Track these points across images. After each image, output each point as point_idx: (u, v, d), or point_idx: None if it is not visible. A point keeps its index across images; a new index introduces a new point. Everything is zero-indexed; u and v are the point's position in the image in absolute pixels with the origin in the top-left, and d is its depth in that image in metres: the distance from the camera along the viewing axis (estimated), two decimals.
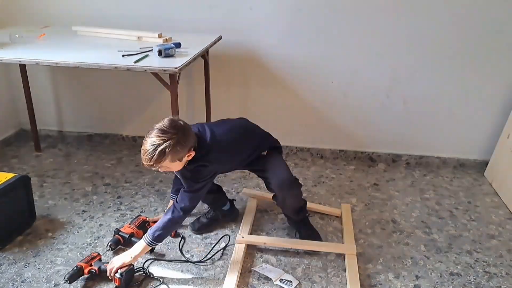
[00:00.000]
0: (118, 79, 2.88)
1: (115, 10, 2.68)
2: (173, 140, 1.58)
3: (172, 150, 1.58)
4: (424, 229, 2.23)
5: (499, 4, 2.41)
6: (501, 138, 2.67)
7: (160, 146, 1.56)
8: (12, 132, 3.06)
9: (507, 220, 2.35)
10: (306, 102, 2.81)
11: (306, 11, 2.56)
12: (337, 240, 2.12)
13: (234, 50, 2.72)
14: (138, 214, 2.19)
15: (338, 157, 2.97)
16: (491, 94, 2.65)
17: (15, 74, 2.87)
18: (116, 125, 3.07)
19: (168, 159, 1.60)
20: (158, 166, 1.62)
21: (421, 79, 2.65)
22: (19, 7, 2.77)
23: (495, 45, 2.51)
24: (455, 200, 2.52)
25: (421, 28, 2.52)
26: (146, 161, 1.60)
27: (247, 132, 1.98)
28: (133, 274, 1.80)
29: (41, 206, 2.31)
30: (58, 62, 1.96)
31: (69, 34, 2.45)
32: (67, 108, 3.07)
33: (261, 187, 2.57)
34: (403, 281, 1.87)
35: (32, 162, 2.80)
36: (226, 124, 1.93)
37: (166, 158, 1.59)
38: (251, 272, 1.89)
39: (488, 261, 2.02)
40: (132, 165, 2.79)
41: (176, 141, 1.59)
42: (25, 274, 1.84)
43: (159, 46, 2.05)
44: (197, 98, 2.86)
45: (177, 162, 1.66)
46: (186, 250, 2.01)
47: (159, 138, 1.58)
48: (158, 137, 1.58)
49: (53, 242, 2.04)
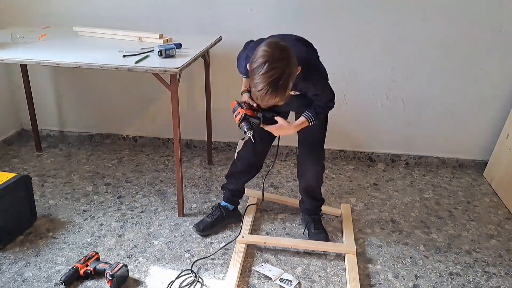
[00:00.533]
0: (119, 79, 2.88)
1: (116, 11, 2.69)
2: (288, 66, 1.44)
3: (292, 77, 1.47)
4: (423, 229, 2.24)
5: (499, 4, 2.42)
6: (500, 138, 2.68)
7: (282, 78, 1.43)
8: (13, 132, 3.07)
9: (506, 220, 2.36)
10: None
11: (306, 12, 2.57)
12: (337, 240, 2.13)
13: (235, 51, 2.71)
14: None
15: (338, 157, 2.98)
16: (490, 94, 2.66)
17: (16, 74, 2.89)
18: (117, 125, 3.08)
19: (290, 87, 1.48)
20: (282, 100, 1.50)
21: (420, 79, 2.66)
22: (20, 8, 2.78)
23: (494, 45, 2.52)
24: (454, 200, 2.52)
25: (420, 28, 2.53)
26: (269, 100, 1.47)
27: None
28: (126, 277, 1.81)
29: (42, 205, 2.32)
30: (59, 62, 1.96)
31: (70, 35, 2.46)
32: (68, 108, 3.08)
33: (261, 187, 2.58)
34: (402, 280, 1.88)
35: (33, 162, 2.81)
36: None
37: (288, 88, 1.47)
38: (251, 272, 1.90)
39: (487, 260, 2.03)
40: (133, 165, 2.80)
41: (292, 66, 1.46)
42: (25, 273, 1.85)
43: (159, 46, 2.06)
44: (198, 99, 2.87)
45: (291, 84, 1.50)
46: (187, 250, 2.02)
47: (274, 70, 1.42)
48: (274, 70, 1.42)
49: (54, 242, 2.05)
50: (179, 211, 2.26)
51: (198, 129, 2.95)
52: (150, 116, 3.00)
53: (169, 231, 2.15)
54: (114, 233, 2.12)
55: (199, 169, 2.78)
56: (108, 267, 1.78)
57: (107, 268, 1.77)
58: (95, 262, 1.85)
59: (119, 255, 1.97)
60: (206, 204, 2.39)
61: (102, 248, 2.01)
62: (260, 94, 1.47)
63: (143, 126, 3.05)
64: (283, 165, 2.85)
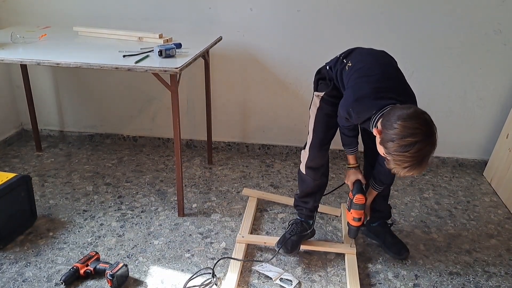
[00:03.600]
0: (119, 79, 2.89)
1: (116, 11, 2.69)
2: (436, 143, 1.41)
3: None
4: (423, 229, 2.24)
5: (499, 4, 2.42)
6: (500, 137, 2.68)
7: (430, 156, 1.40)
8: (13, 132, 3.07)
9: (506, 219, 2.36)
10: (306, 102, 2.81)
11: (306, 12, 2.57)
12: (337, 240, 2.13)
13: (235, 51, 2.73)
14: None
15: (338, 157, 2.98)
16: (490, 94, 2.66)
17: (16, 74, 2.89)
18: (117, 125, 3.08)
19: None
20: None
21: (420, 79, 2.66)
22: (20, 8, 2.78)
23: (494, 44, 2.52)
24: (454, 200, 2.52)
25: (419, 28, 2.53)
26: (409, 174, 1.42)
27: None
28: (126, 276, 1.81)
29: (42, 205, 2.32)
30: (59, 62, 1.96)
31: (70, 35, 2.46)
32: (68, 108, 3.08)
33: (261, 187, 2.58)
34: (402, 280, 1.88)
35: (33, 161, 2.81)
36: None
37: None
38: (251, 272, 1.90)
39: (487, 260, 2.03)
40: (133, 165, 2.80)
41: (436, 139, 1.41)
42: (26, 273, 1.85)
43: (159, 46, 2.06)
44: (198, 98, 2.87)
45: None
46: (187, 250, 2.02)
47: (425, 150, 1.38)
48: (425, 149, 1.37)
49: (54, 242, 2.05)
50: (179, 211, 2.26)
51: (198, 129, 2.95)
52: (150, 116, 3.00)
53: (169, 231, 2.15)
54: (114, 233, 2.12)
55: (199, 169, 2.78)
56: (108, 267, 1.78)
57: (107, 268, 1.78)
58: (95, 262, 1.85)
59: (119, 255, 1.97)
60: (206, 204, 2.39)
61: (102, 248, 2.01)
62: (404, 171, 1.41)
63: (143, 126, 3.05)
64: (283, 165, 2.86)
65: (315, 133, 1.86)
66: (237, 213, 2.31)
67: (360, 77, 1.63)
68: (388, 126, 1.41)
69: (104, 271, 1.78)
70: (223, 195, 2.49)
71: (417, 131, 1.36)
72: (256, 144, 3.00)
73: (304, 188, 1.96)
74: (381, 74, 1.64)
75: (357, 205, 1.85)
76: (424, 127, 1.38)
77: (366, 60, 1.71)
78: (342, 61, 1.76)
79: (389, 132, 1.40)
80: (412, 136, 1.35)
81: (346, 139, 1.88)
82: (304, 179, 1.94)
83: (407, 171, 1.40)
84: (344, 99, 1.66)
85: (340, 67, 1.75)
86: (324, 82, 1.86)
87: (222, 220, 2.24)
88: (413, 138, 1.35)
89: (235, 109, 2.90)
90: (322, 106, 1.84)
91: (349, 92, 1.63)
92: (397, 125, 1.38)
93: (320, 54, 2.71)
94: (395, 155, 1.39)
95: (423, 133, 1.37)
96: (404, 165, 1.39)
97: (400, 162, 1.40)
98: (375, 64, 1.69)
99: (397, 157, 1.39)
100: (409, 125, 1.37)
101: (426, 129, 1.38)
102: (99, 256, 1.89)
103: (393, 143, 1.38)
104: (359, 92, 1.60)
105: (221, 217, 2.27)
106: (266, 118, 2.91)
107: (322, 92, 1.84)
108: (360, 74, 1.64)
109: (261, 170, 2.79)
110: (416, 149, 1.35)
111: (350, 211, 1.88)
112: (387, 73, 1.66)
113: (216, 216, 2.28)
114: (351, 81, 1.66)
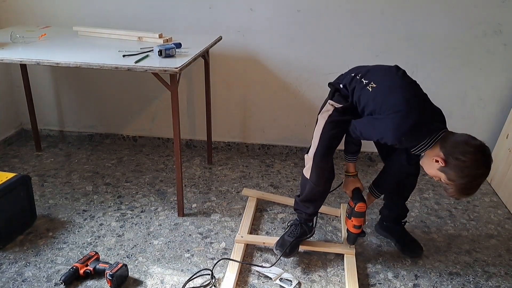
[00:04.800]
0: (119, 79, 2.88)
1: (115, 11, 2.69)
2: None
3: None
4: (423, 229, 2.24)
5: (498, 4, 2.42)
6: (500, 138, 2.68)
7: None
8: (12, 131, 3.07)
9: (506, 219, 2.36)
10: (306, 102, 2.82)
11: (306, 12, 2.57)
12: (337, 240, 2.13)
13: (234, 51, 2.73)
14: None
15: (338, 157, 2.97)
16: (489, 94, 2.66)
17: (16, 74, 2.89)
18: (117, 125, 3.08)
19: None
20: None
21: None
22: (20, 7, 2.78)
23: (494, 45, 2.52)
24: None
25: (419, 28, 2.53)
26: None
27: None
28: (126, 276, 1.81)
29: (42, 205, 2.32)
30: (59, 62, 1.96)
31: (70, 34, 2.46)
32: (67, 108, 3.08)
33: (261, 187, 2.58)
34: (402, 280, 1.88)
35: (33, 161, 2.81)
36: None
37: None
38: (250, 272, 1.90)
39: (487, 260, 2.03)
40: (133, 165, 2.80)
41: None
42: (25, 273, 1.85)
43: (159, 46, 2.05)
44: (198, 98, 2.87)
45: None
46: (186, 250, 2.02)
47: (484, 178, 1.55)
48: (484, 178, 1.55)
49: (54, 242, 2.05)
50: (179, 211, 2.26)
51: (198, 129, 2.95)
52: (150, 116, 3.00)
53: (169, 231, 2.15)
54: (114, 233, 2.12)
55: (199, 169, 2.78)
56: (108, 267, 1.78)
57: (107, 268, 1.78)
58: (95, 262, 1.85)
59: (119, 255, 1.97)
60: (206, 204, 2.39)
61: (102, 248, 2.01)
62: (463, 196, 1.58)
63: (143, 126, 3.05)
64: (283, 165, 2.85)
65: (321, 140, 1.84)
66: (237, 213, 2.31)
67: (401, 102, 1.61)
68: (454, 157, 1.52)
69: (104, 271, 1.78)
70: (223, 195, 2.48)
71: (486, 164, 1.51)
72: (256, 144, 3.00)
73: (307, 193, 1.93)
74: (419, 96, 1.67)
75: (359, 213, 1.86)
76: (489, 160, 1.51)
77: (395, 82, 1.71)
78: (361, 81, 1.76)
79: (456, 162, 1.51)
80: (481, 168, 1.51)
81: (353, 148, 1.90)
82: (306, 184, 1.92)
83: (466, 196, 1.59)
84: (392, 127, 1.59)
85: (359, 86, 1.75)
86: (340, 94, 1.87)
87: (222, 220, 2.24)
88: (481, 170, 1.51)
89: (235, 109, 2.90)
90: (334, 115, 1.83)
91: (398, 120, 1.58)
92: (466, 158, 1.49)
93: (320, 54, 2.72)
94: (461, 183, 1.52)
95: (489, 166, 1.52)
96: (467, 192, 1.56)
97: (464, 190, 1.54)
98: (407, 87, 1.70)
99: (462, 185, 1.52)
100: (479, 157, 1.50)
101: (490, 162, 1.52)
102: (99, 256, 1.89)
103: (462, 174, 1.51)
104: (409, 120, 1.57)
105: (221, 217, 2.27)
106: (266, 118, 2.91)
107: (339, 105, 1.83)
108: (399, 99, 1.62)
109: (261, 170, 2.79)
110: (482, 180, 1.53)
111: (351, 219, 1.89)
112: (421, 95, 1.69)
113: (216, 216, 2.28)
114: (390, 106, 1.62)
